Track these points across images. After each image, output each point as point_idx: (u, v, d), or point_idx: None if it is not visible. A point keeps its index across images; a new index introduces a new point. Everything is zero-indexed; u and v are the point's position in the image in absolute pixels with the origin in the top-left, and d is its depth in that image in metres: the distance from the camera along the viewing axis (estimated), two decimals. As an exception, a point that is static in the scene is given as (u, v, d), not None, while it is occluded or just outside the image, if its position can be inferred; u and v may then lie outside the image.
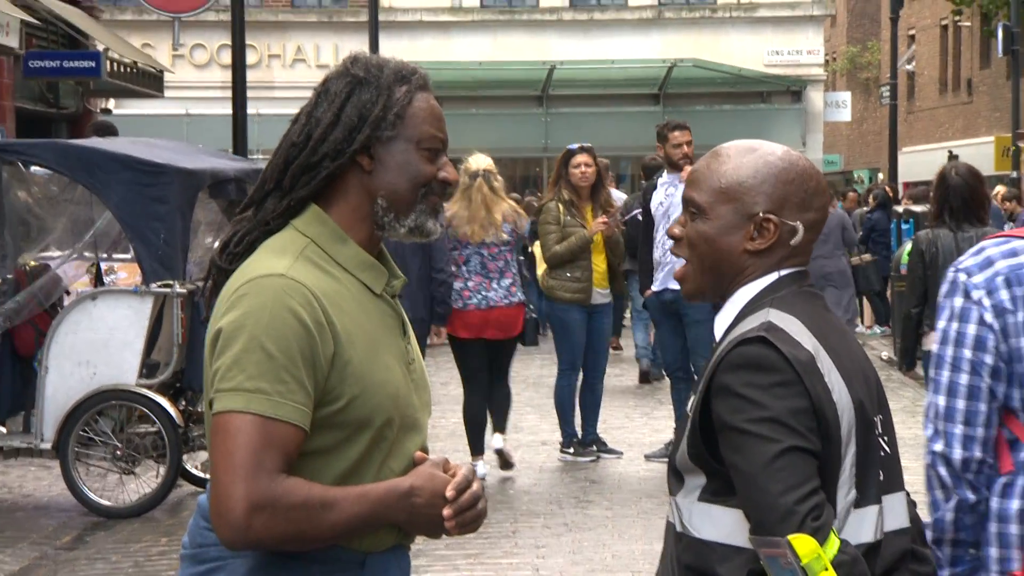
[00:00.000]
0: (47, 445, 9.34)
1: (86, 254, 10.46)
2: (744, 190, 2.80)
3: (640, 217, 10.92)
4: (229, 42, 15.92)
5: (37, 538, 8.83)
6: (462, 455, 10.05)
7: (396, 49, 26.50)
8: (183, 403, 9.71)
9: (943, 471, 3.25)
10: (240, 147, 14.98)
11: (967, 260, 3.31)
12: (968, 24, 41.44)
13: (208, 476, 10.02)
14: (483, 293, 9.89)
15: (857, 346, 2.86)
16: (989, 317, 3.24)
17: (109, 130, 13.83)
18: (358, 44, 24.87)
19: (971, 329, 3.25)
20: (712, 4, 32.38)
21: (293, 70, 30.64)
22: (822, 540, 2.54)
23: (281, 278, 2.75)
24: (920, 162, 37.65)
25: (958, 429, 3.24)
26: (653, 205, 10.42)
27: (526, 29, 31.81)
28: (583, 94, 31.56)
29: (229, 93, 15.74)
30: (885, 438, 2.79)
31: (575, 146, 10.59)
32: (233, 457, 2.67)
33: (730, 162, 2.83)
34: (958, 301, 3.28)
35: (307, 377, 2.71)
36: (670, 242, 2.98)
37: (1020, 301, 3.25)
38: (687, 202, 2.87)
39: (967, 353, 3.24)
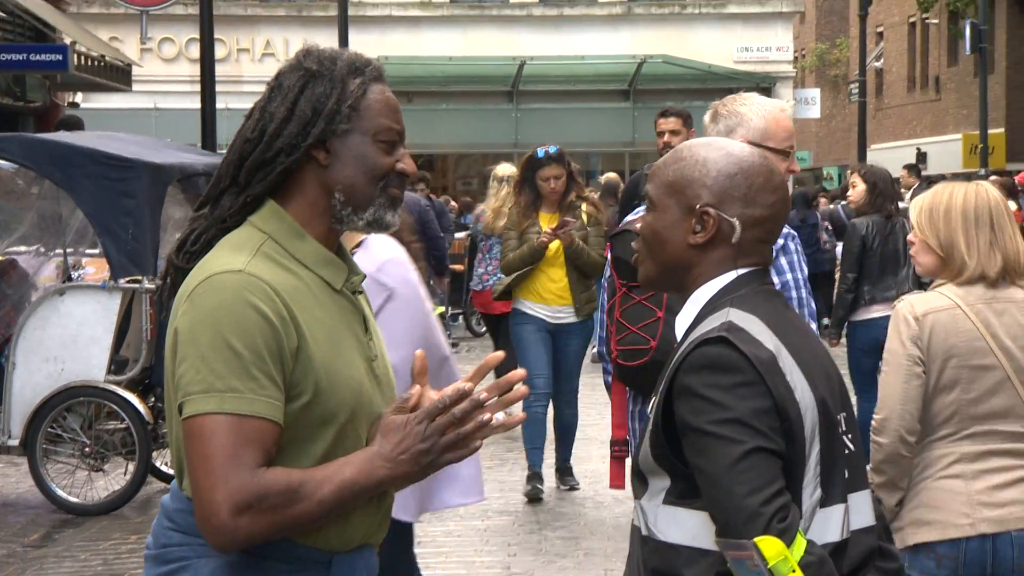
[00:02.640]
0: (15, 442, 9.29)
1: (54, 250, 10.41)
2: (687, 183, 2.81)
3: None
4: (198, 36, 15.87)
5: (5, 535, 8.79)
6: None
7: (365, 44, 26.42)
8: (152, 399, 9.67)
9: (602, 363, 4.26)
10: (209, 142, 14.92)
11: None
12: (936, 22, 41.57)
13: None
14: (500, 275, 10.52)
15: (819, 344, 2.86)
16: (609, 253, 4.30)
17: (75, 124, 13.78)
18: (327, 38, 24.79)
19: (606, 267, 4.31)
20: (681, 1, 32.41)
21: (262, 64, 30.51)
22: (789, 541, 2.54)
23: (239, 274, 2.72)
24: (889, 159, 37.75)
25: (598, 330, 4.32)
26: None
27: (496, 24, 31.77)
28: (553, 90, 31.56)
29: (198, 87, 15.69)
30: (849, 436, 2.79)
31: (542, 152, 9.60)
32: (211, 461, 2.65)
33: (682, 156, 2.85)
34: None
35: (276, 371, 2.69)
36: None
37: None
38: (645, 197, 2.90)
39: (604, 278, 4.20)
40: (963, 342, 4.18)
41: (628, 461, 4.52)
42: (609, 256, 4.60)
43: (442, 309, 16.34)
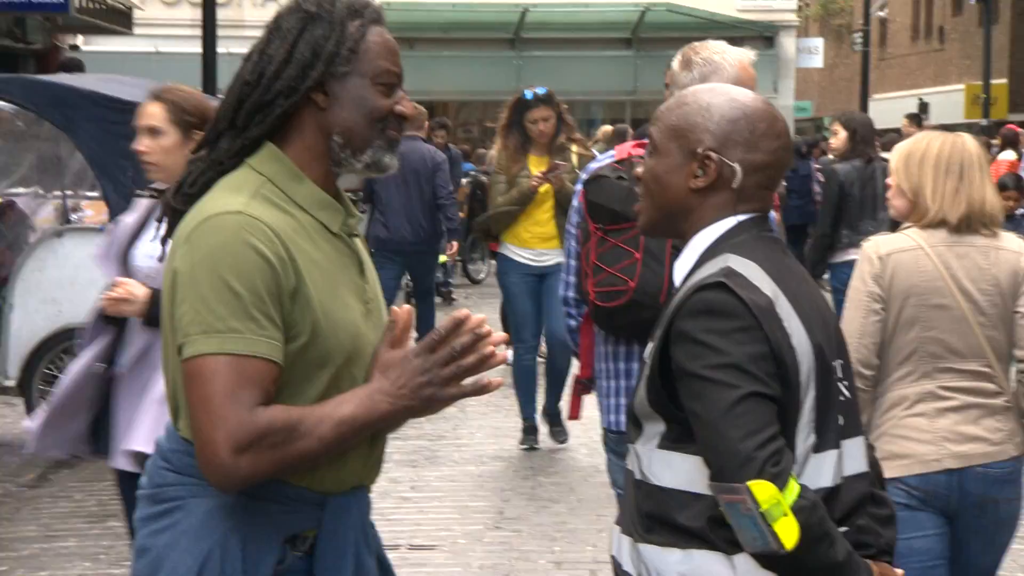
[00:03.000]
0: (11, 382, 9.31)
1: (52, 191, 10.40)
2: (690, 127, 2.81)
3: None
4: (199, -21, 15.77)
5: (0, 475, 8.82)
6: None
7: (368, -11, 26.28)
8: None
9: (563, 308, 4.77)
10: (209, 86, 14.87)
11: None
12: (941, -28, 41.39)
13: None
14: None
15: (816, 291, 2.86)
16: (575, 201, 4.59)
17: (76, 66, 13.74)
18: (329, -17, 24.71)
19: (572, 213, 4.65)
20: (686, -52, 32.25)
21: (264, 9, 30.37)
22: (781, 486, 2.55)
23: (238, 215, 2.71)
24: (891, 109, 37.66)
25: (562, 276, 4.75)
26: None
27: (499, -30, 31.62)
28: (555, 37, 31.44)
29: (199, 31, 15.63)
30: (844, 383, 2.80)
31: (530, 94, 9.32)
32: (211, 402, 2.65)
33: (686, 101, 2.84)
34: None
35: (275, 312, 2.69)
36: None
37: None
38: (648, 140, 2.89)
39: (569, 227, 4.66)
40: (923, 281, 4.41)
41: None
42: (584, 201, 4.59)
43: (445, 259, 16.36)
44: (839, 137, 10.58)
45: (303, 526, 2.85)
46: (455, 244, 11.66)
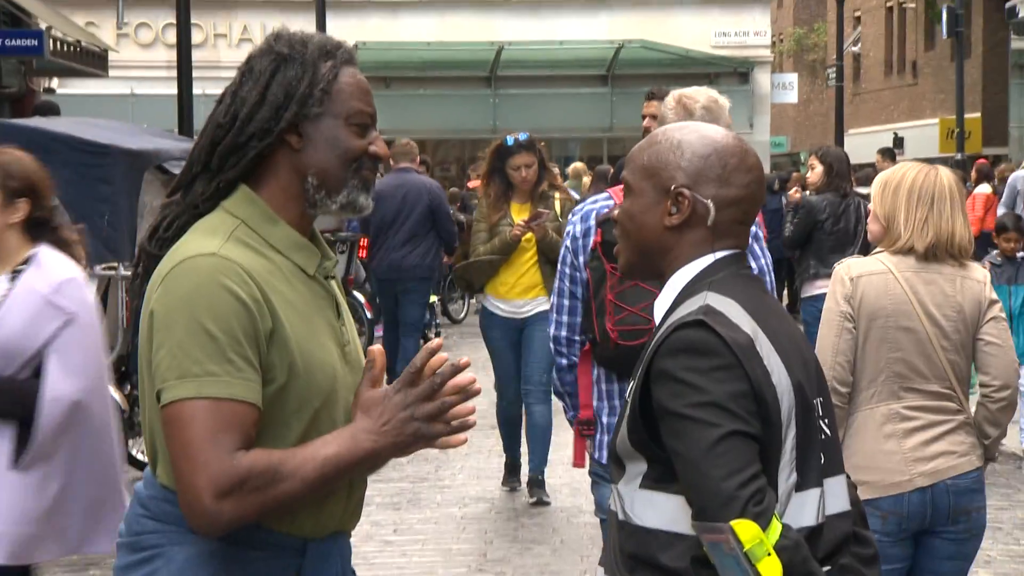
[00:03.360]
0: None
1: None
2: (662, 165, 2.81)
3: None
4: (174, 21, 15.78)
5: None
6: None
7: (343, 29, 26.37)
8: (128, 387, 9.63)
9: (552, 347, 5.01)
10: (186, 128, 14.86)
11: (577, 207, 5.03)
12: (913, 6, 41.65)
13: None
14: None
15: (795, 329, 2.86)
16: (569, 242, 4.92)
17: (51, 110, 13.71)
18: (305, 23, 24.74)
19: (564, 252, 4.95)
20: (660, -15, 32.39)
21: (239, 50, 30.39)
22: (764, 525, 2.54)
23: (213, 257, 2.71)
24: (866, 144, 37.80)
25: (554, 316, 4.97)
26: None
27: (474, 9, 31.70)
28: (531, 75, 31.54)
29: (175, 73, 15.62)
30: (825, 421, 2.80)
31: (511, 140, 8.97)
32: (191, 448, 2.63)
33: (657, 140, 2.86)
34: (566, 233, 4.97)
35: (252, 354, 2.68)
36: None
37: (582, 231, 4.88)
38: (623, 183, 2.90)
39: (562, 268, 4.95)
40: (891, 304, 4.66)
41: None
42: (600, 242, 4.78)
43: (435, 298, 16.37)
44: (815, 171, 10.78)
45: (283, 572, 2.83)
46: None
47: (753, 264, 4.62)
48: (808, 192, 11.61)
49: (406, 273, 11.57)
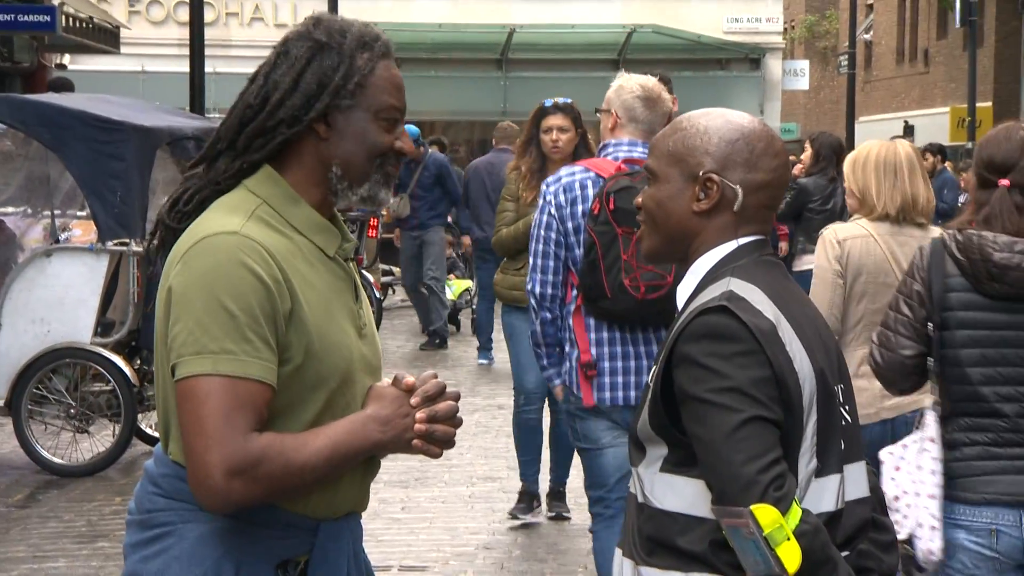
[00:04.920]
0: (0, 402, 9.27)
1: (42, 211, 10.38)
2: (689, 151, 2.82)
3: None
4: (187, -1, 15.76)
5: (-11, 496, 8.79)
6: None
7: (356, 10, 26.32)
8: (138, 362, 9.66)
9: (532, 301, 5.63)
10: (197, 105, 14.88)
11: (551, 178, 5.69)
12: (926, -5, 41.53)
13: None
14: None
15: (817, 315, 2.87)
16: (553, 210, 5.57)
17: (65, 86, 13.73)
18: (316, 4, 24.73)
19: (544, 218, 5.59)
20: (672, -30, 32.31)
21: (251, 28, 30.37)
22: (784, 510, 2.55)
23: (234, 235, 2.70)
24: (876, 132, 37.71)
25: (538, 275, 5.59)
26: None
27: (486, -9, 31.65)
28: (542, 58, 31.46)
29: (186, 51, 15.64)
30: (846, 407, 2.80)
31: (550, 102, 8.06)
32: (205, 423, 2.63)
33: (682, 126, 2.85)
34: (540, 201, 5.65)
35: (270, 334, 2.68)
36: None
37: (568, 200, 5.56)
38: (646, 170, 2.89)
39: (542, 232, 5.58)
40: (872, 263, 5.36)
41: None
42: (612, 208, 5.34)
43: (469, 284, 16.29)
44: (807, 154, 11.86)
45: (295, 552, 2.83)
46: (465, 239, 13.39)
47: None
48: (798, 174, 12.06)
49: None
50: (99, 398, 9.42)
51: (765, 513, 2.54)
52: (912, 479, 4.27)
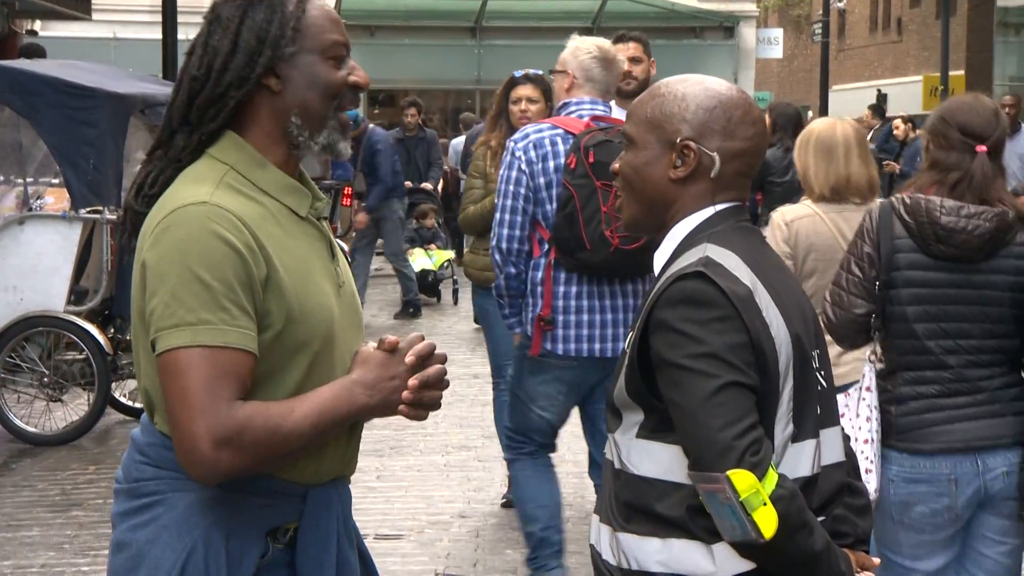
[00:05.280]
0: (-27, 371, 9.25)
1: (14, 179, 10.32)
2: (666, 117, 2.82)
3: None
4: (159, -35, 15.66)
5: (-37, 464, 8.77)
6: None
7: (328, -24, 26.14)
8: (112, 330, 9.63)
9: (497, 256, 5.78)
10: (170, 72, 14.77)
11: (517, 135, 5.82)
12: (900, -37, 41.54)
13: (136, 406, 9.90)
14: None
15: (794, 281, 2.88)
16: (523, 166, 5.68)
17: (37, 52, 13.62)
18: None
19: (513, 173, 5.72)
20: (647, -63, 32.24)
21: (223, -5, 30.24)
22: (760, 475, 2.55)
23: (204, 205, 2.69)
24: (850, 100, 37.77)
25: (505, 231, 5.72)
26: None
27: (460, -41, 31.54)
28: (516, 26, 31.38)
29: (159, 17, 15.53)
30: (822, 372, 2.81)
31: (520, 73, 7.82)
32: (188, 395, 2.62)
33: (660, 92, 2.85)
34: (507, 158, 5.76)
35: (247, 301, 2.67)
36: None
37: (539, 156, 5.69)
38: (624, 136, 2.89)
39: (511, 187, 5.71)
40: (820, 241, 5.53)
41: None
42: (590, 161, 5.47)
43: (451, 254, 16.25)
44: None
45: (285, 519, 2.84)
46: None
47: None
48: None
49: None
50: (72, 367, 9.40)
51: (742, 478, 2.54)
52: (851, 426, 4.48)
